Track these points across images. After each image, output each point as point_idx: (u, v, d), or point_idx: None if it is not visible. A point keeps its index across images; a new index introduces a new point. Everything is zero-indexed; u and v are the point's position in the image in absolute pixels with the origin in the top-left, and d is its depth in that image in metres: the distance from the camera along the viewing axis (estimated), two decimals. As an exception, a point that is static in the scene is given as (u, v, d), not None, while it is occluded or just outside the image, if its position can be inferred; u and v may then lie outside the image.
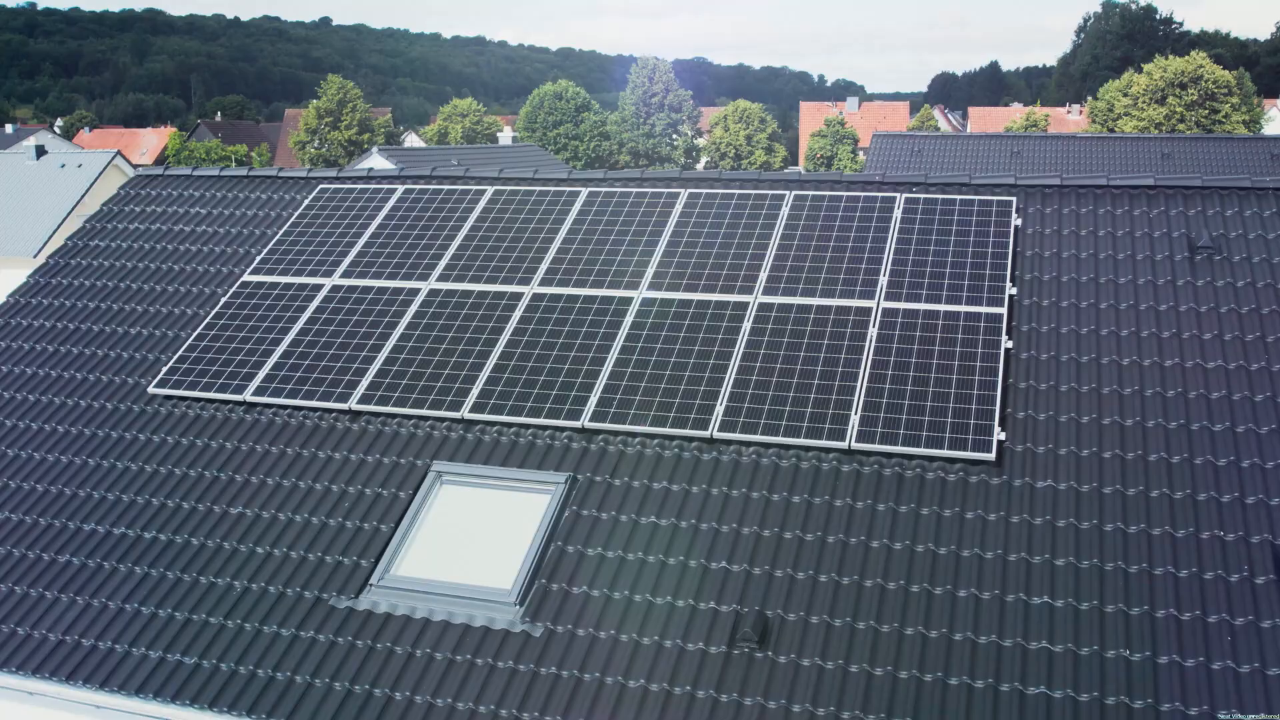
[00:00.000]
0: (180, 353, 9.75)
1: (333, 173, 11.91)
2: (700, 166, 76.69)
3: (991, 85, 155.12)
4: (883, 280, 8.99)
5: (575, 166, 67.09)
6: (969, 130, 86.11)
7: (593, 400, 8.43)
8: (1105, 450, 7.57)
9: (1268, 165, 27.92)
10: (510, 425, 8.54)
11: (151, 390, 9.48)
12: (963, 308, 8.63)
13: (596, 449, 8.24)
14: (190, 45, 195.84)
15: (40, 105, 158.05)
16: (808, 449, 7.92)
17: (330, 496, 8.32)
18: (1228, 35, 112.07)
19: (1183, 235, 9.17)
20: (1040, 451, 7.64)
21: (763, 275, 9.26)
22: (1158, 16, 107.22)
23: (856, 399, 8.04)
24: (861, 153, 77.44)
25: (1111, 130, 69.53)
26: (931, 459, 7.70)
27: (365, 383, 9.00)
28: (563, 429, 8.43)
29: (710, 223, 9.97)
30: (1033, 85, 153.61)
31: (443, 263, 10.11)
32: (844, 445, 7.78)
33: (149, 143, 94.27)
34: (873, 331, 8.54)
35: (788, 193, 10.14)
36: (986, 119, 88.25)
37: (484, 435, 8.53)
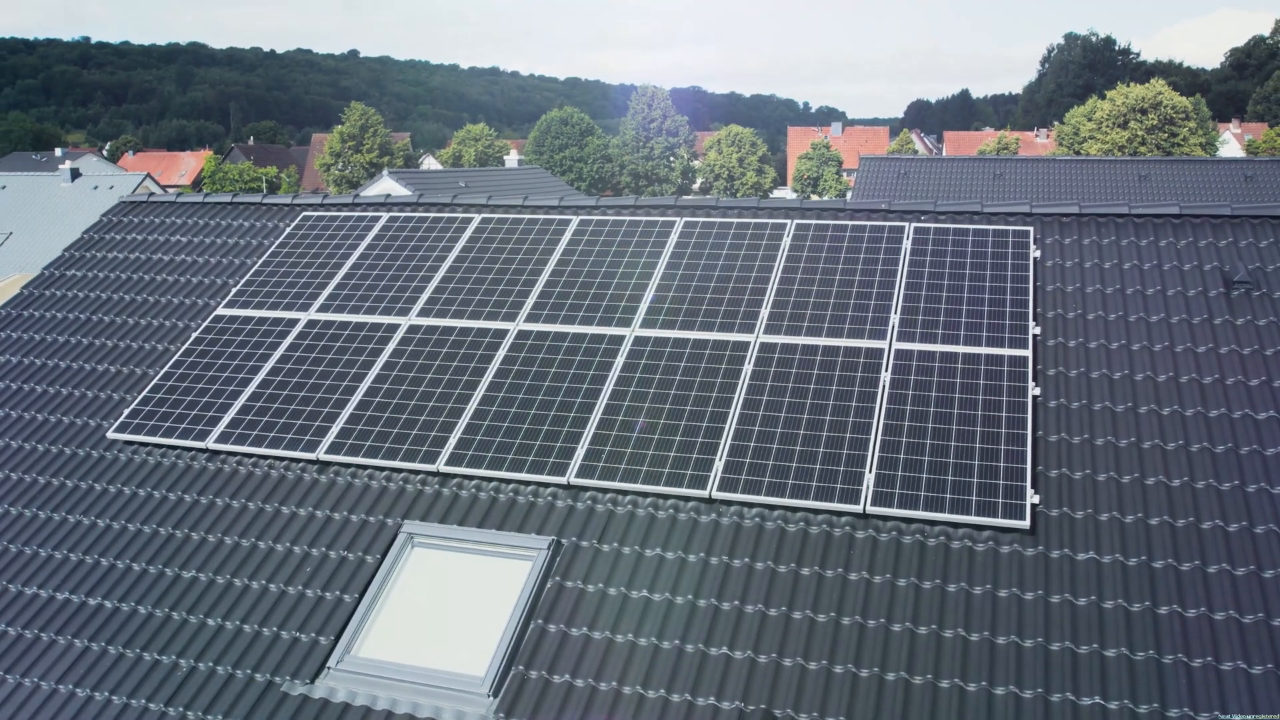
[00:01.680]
0: (144, 394, 8.30)
1: (317, 199, 10.47)
2: (696, 187, 75.22)
3: (963, 111, 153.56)
4: (894, 318, 7.54)
5: (579, 187, 65.67)
6: (944, 153, 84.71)
7: (579, 453, 6.98)
8: (1152, 516, 6.12)
9: (1242, 187, 26.45)
10: (489, 480, 7.09)
11: (110, 435, 8.03)
12: (983, 349, 7.18)
13: (583, 508, 6.79)
14: (230, 75, 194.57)
15: (93, 131, 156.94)
16: (817, 512, 6.48)
17: (291, 560, 6.87)
18: (1180, 64, 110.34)
19: (1215, 269, 7.72)
20: (1079, 517, 6.19)
21: (764, 312, 7.82)
22: (1116, 47, 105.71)
23: (870, 455, 6.58)
24: (845, 174, 76.02)
25: (1078, 152, 68.06)
26: (956, 525, 6.25)
27: (335, 430, 7.55)
28: (546, 485, 6.98)
29: (708, 254, 8.52)
30: (1000, 111, 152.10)
31: (424, 296, 8.66)
32: (858, 509, 6.33)
33: (188, 165, 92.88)
34: (886, 376, 7.09)
35: (789, 222, 8.69)
36: (961, 142, 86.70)
37: (460, 490, 7.08)
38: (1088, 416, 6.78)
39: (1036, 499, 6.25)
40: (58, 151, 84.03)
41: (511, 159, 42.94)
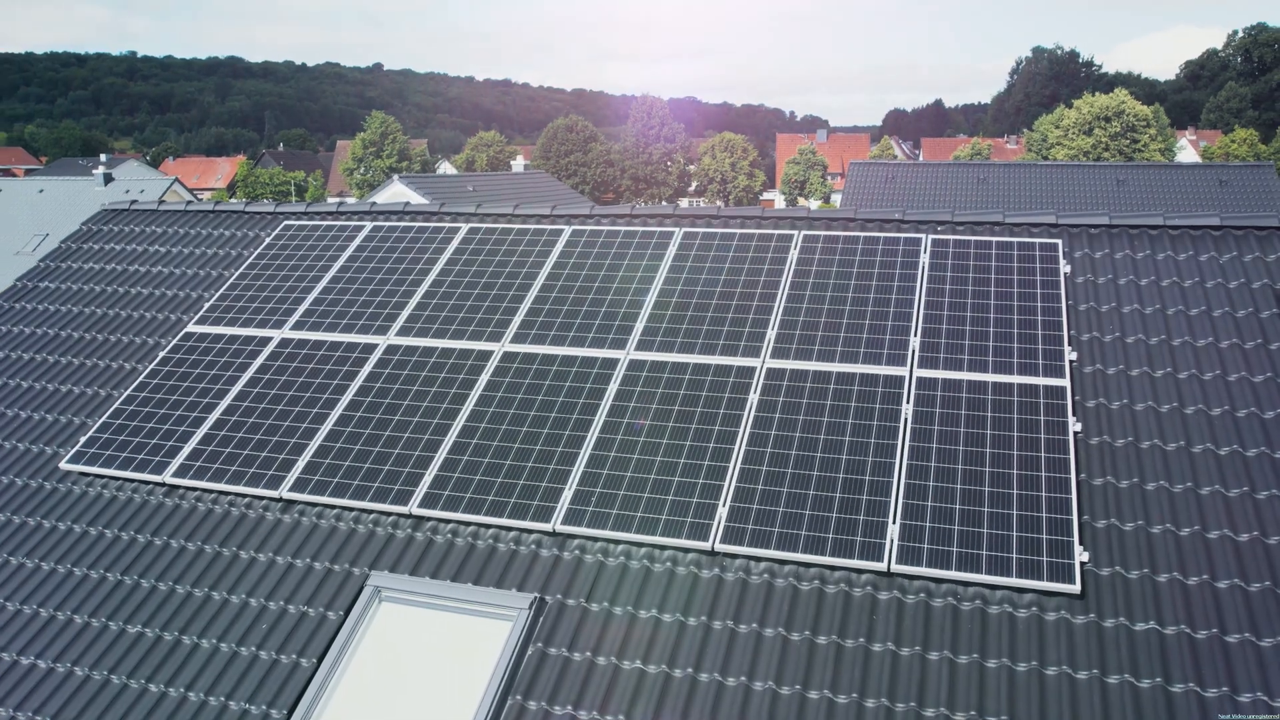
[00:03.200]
0: (103, 419, 7.01)
1: (300, 207, 9.15)
2: (691, 189, 73.66)
3: (936, 119, 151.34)
4: (914, 342, 6.24)
5: (583, 191, 64.18)
6: (922, 158, 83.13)
7: (567, 495, 5.69)
8: (1220, 577, 4.84)
9: (1217, 191, 25.08)
10: (466, 525, 5.81)
11: (64, 466, 6.75)
12: (1015, 378, 5.88)
13: (570, 559, 5.51)
14: (264, 87, 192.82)
15: (139, 138, 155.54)
16: (834, 568, 5.19)
17: (246, 614, 5.60)
18: (1139, 76, 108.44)
19: (1265, 286, 6.41)
20: (1134, 577, 4.91)
21: (770, 333, 6.52)
22: (1080, 60, 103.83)
23: (894, 502, 5.30)
24: (830, 177, 74.49)
25: (1045, 157, 66.55)
26: (994, 586, 4.97)
27: (301, 465, 6.27)
28: (530, 532, 5.69)
29: (709, 267, 7.21)
30: (970, 119, 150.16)
31: (405, 313, 7.36)
32: (882, 567, 5.04)
33: (223, 169, 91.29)
34: (907, 409, 5.80)
35: (795, 232, 7.38)
36: (937, 148, 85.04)
37: (435, 536, 5.80)
38: (1135, 456, 5.48)
39: (1085, 556, 4.97)
40: (103, 157, 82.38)
41: (518, 164, 41.46)
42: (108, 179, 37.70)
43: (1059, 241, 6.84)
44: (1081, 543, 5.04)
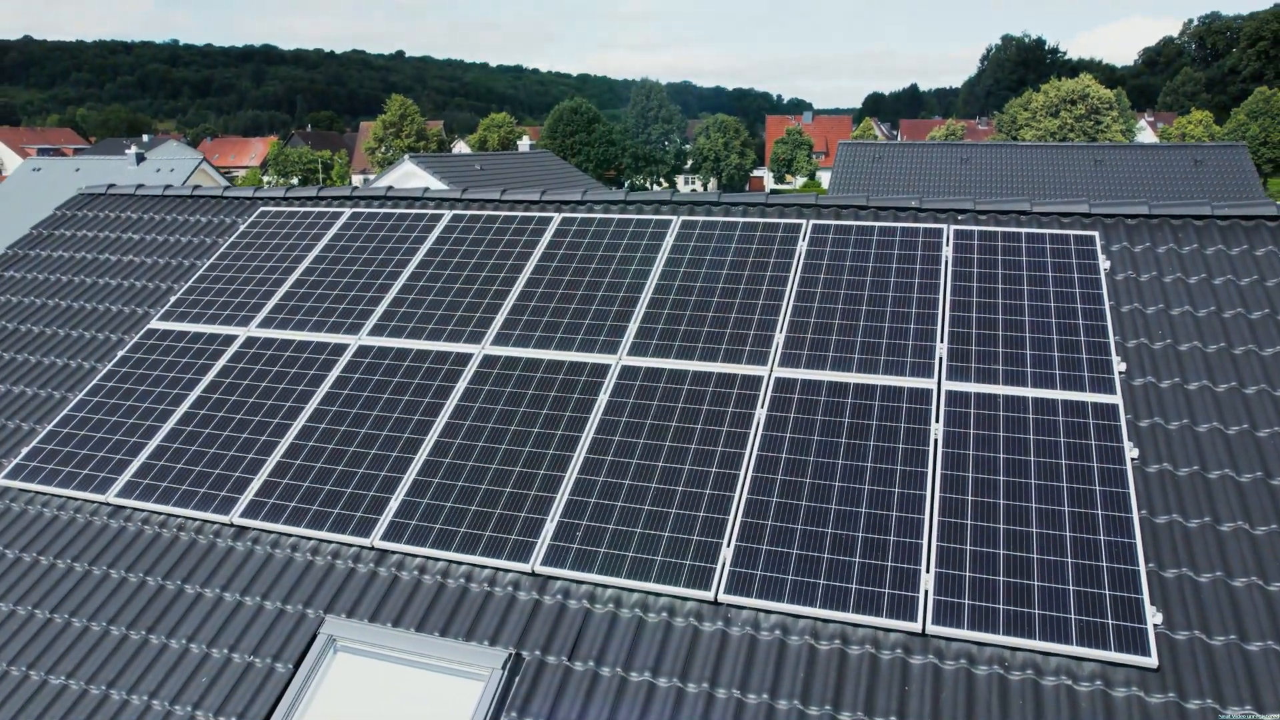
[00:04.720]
0: (49, 429, 5.79)
1: (279, 192, 7.83)
2: (688, 167, 71.70)
3: (912, 103, 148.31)
4: (941, 349, 4.99)
5: (587, 169, 62.31)
6: (900, 138, 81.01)
7: (549, 529, 4.48)
8: (1321, 646, 3.64)
9: (1192, 171, 23.60)
10: (435, 561, 4.61)
11: (2, 482, 5.54)
12: (1058, 393, 4.64)
13: (552, 604, 4.31)
14: (296, 73, 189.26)
15: (182, 120, 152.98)
16: (858, 625, 4.00)
17: (186, 663, 4.42)
18: (1100, 62, 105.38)
19: (1332, 285, 5.14)
20: (1217, 645, 3.71)
21: (778, 337, 5.26)
22: (1046, 47, 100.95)
23: (926, 545, 4.09)
24: (815, 156, 72.53)
25: (1014, 138, 64.60)
26: (1048, 654, 3.78)
27: (257, 484, 5.05)
28: (506, 571, 4.49)
29: (710, 260, 5.93)
30: (943, 102, 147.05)
31: (379, 310, 6.10)
32: (915, 626, 3.85)
33: (257, 149, 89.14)
34: (937, 429, 4.57)
35: (804, 222, 6.08)
36: (914, 129, 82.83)
37: (400, 573, 4.60)
38: (1204, 489, 4.26)
39: (1159, 619, 3.77)
40: (144, 138, 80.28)
41: (524, 144, 39.82)
42: (140, 158, 36.06)
43: (1095, 234, 5.55)
44: (1154, 603, 3.84)
